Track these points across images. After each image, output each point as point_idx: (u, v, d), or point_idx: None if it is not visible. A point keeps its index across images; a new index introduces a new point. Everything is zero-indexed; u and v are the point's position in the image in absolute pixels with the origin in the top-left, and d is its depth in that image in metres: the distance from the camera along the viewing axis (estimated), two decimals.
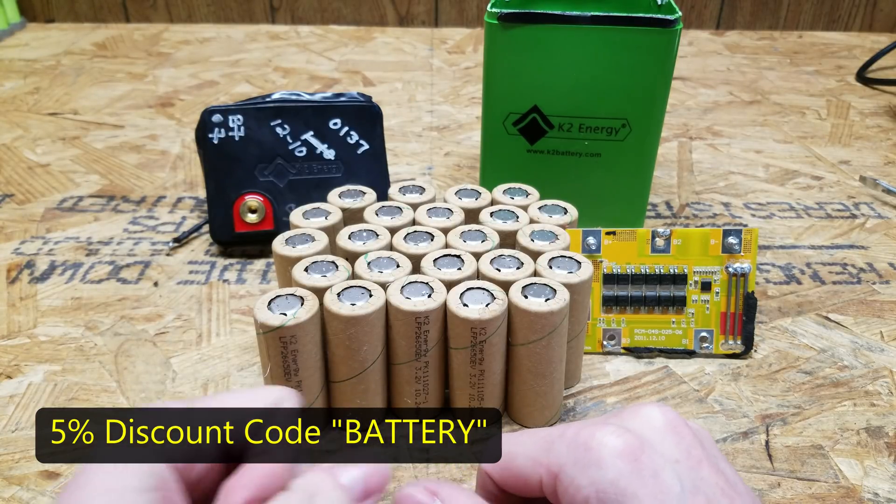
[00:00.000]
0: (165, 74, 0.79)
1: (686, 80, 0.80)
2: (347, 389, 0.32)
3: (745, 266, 0.37)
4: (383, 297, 0.30)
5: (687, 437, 0.19)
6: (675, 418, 0.20)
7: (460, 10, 0.97)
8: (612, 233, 0.37)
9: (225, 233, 0.45)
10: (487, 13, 0.42)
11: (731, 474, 0.19)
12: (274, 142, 0.45)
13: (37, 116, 0.67)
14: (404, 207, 0.38)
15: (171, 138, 0.63)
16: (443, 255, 0.34)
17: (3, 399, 0.35)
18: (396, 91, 0.75)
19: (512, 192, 0.40)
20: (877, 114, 0.71)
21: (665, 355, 0.38)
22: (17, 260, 0.46)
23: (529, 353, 0.31)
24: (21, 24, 0.94)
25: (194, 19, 0.96)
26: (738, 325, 0.38)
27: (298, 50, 0.88)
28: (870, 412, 0.35)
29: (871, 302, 0.43)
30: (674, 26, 0.40)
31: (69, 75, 0.78)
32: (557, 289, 0.31)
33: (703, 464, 0.19)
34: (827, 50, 0.91)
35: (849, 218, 0.52)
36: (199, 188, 0.55)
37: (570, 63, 0.42)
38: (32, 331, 0.39)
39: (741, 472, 0.31)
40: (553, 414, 0.34)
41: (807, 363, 0.38)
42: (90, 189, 0.54)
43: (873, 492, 0.30)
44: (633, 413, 0.20)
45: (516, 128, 0.44)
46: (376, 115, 0.46)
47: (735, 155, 0.62)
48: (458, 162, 0.60)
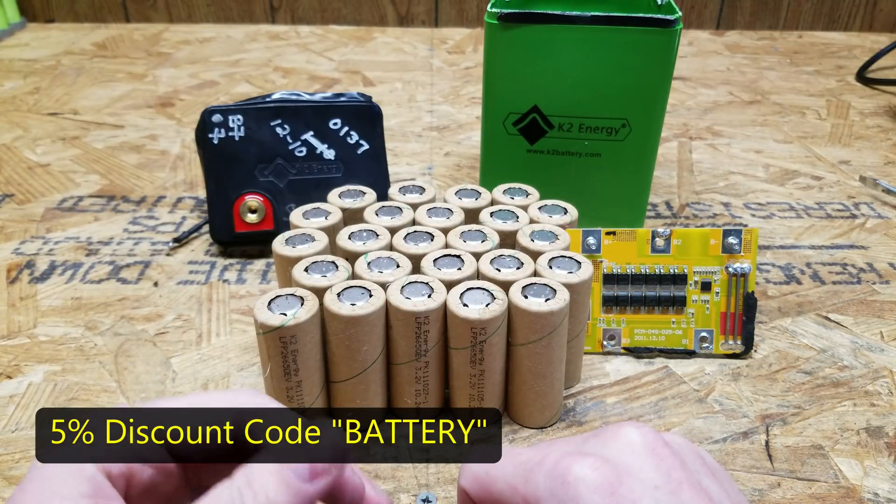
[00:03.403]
0: (165, 74, 0.79)
1: (686, 80, 0.80)
2: (347, 389, 0.32)
3: (745, 266, 0.37)
4: (383, 297, 0.30)
5: (667, 459, 0.19)
6: (654, 439, 0.20)
7: (460, 10, 0.97)
8: (612, 233, 0.37)
9: (225, 233, 0.45)
10: (487, 13, 0.42)
11: (715, 492, 0.19)
12: (274, 142, 0.45)
13: (37, 116, 0.67)
14: (404, 207, 0.38)
15: (171, 138, 0.63)
16: (443, 255, 0.34)
17: (3, 399, 0.35)
18: (396, 91, 0.75)
19: (512, 192, 0.40)
20: (877, 114, 0.71)
21: (665, 355, 0.38)
22: (17, 260, 0.46)
23: (529, 353, 0.31)
24: (21, 24, 0.94)
25: (194, 19, 0.96)
26: (738, 325, 0.38)
27: (298, 50, 0.88)
28: (870, 412, 0.35)
29: (871, 302, 0.43)
30: (674, 26, 0.40)
31: (69, 75, 0.78)
32: (557, 289, 0.31)
33: (684, 486, 0.18)
34: (827, 50, 0.91)
35: (849, 218, 0.52)
36: (199, 188, 0.55)
37: (570, 63, 0.42)
38: (32, 331, 0.39)
39: (741, 472, 0.31)
40: (553, 414, 0.34)
41: (807, 363, 0.38)
42: (90, 189, 0.54)
43: (873, 492, 0.30)
44: (612, 435, 0.20)
45: (516, 128, 0.44)
46: (376, 115, 0.46)
47: (735, 155, 0.62)
48: (458, 162, 0.60)
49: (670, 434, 0.21)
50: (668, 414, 0.35)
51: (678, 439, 0.21)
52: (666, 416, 0.34)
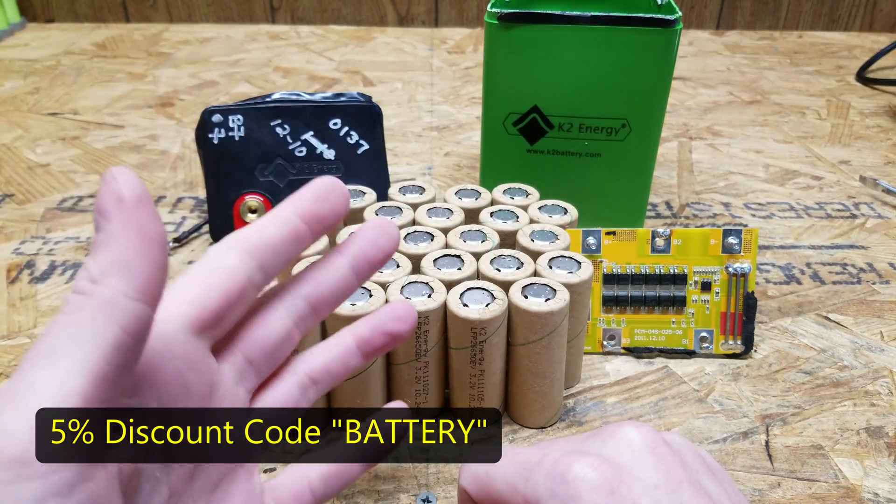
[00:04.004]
0: (165, 74, 0.79)
1: (686, 80, 0.80)
2: (347, 389, 0.32)
3: (745, 266, 0.37)
4: (384, 298, 0.30)
5: (667, 458, 0.19)
6: (654, 438, 0.20)
7: (460, 10, 0.97)
8: (612, 233, 0.37)
9: (225, 233, 0.45)
10: (487, 13, 0.42)
11: (715, 491, 0.19)
12: (274, 142, 0.45)
13: (37, 116, 0.67)
14: (404, 207, 0.38)
15: (171, 138, 0.63)
16: (443, 255, 0.34)
17: None
18: (396, 91, 0.75)
19: (512, 192, 0.40)
20: (877, 114, 0.71)
21: (665, 355, 0.38)
22: (17, 260, 0.46)
23: (529, 353, 0.31)
24: (21, 24, 0.94)
25: (194, 19, 0.97)
26: (738, 325, 0.38)
27: (298, 50, 0.88)
28: (870, 412, 0.35)
29: (871, 302, 0.43)
30: (674, 26, 0.40)
31: (69, 75, 0.78)
32: (557, 289, 0.31)
33: (684, 485, 0.18)
34: (827, 50, 0.91)
35: (849, 218, 0.52)
36: (199, 188, 0.55)
37: (570, 63, 0.42)
38: (32, 331, 0.39)
39: (741, 473, 0.31)
40: (553, 414, 0.34)
41: (807, 363, 0.38)
42: (90, 189, 0.54)
43: (873, 492, 0.30)
44: (612, 434, 0.20)
45: (516, 128, 0.44)
46: (376, 115, 0.46)
47: (735, 155, 0.62)
48: (458, 162, 0.60)
49: (670, 434, 0.21)
50: (668, 414, 0.35)
51: (678, 439, 0.21)
52: (666, 416, 0.34)
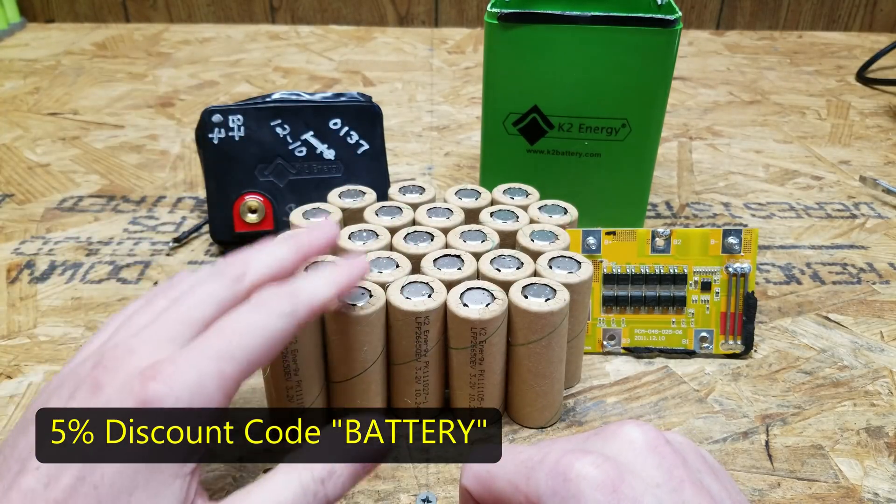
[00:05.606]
0: (165, 74, 0.79)
1: (686, 80, 0.80)
2: (347, 389, 0.32)
3: (745, 266, 0.37)
4: (383, 297, 0.30)
5: (668, 457, 0.19)
6: (656, 437, 0.20)
7: (460, 10, 0.97)
8: (612, 233, 0.37)
9: (225, 233, 0.45)
10: (487, 13, 0.42)
11: (717, 491, 0.19)
12: (274, 142, 0.45)
13: (37, 116, 0.67)
14: (404, 207, 0.38)
15: (171, 138, 0.63)
16: (443, 255, 0.34)
17: (3, 399, 0.35)
18: (396, 91, 0.75)
19: (512, 192, 0.40)
20: (877, 114, 0.71)
21: (665, 355, 0.38)
22: (17, 260, 0.46)
23: (529, 353, 0.31)
24: (21, 24, 0.94)
25: (194, 19, 0.96)
26: (738, 325, 0.38)
27: (298, 50, 0.88)
28: (870, 412, 0.35)
29: (871, 302, 0.43)
30: (674, 26, 0.40)
31: (69, 75, 0.78)
32: (557, 289, 0.31)
33: (686, 484, 0.18)
34: (827, 50, 0.91)
35: (849, 218, 0.52)
36: (199, 188, 0.55)
37: (570, 63, 0.42)
38: (32, 331, 0.39)
39: (741, 473, 0.31)
40: (553, 414, 0.34)
41: (807, 363, 0.38)
42: (90, 189, 0.54)
43: (873, 492, 0.30)
44: (614, 433, 0.20)
45: (516, 128, 0.44)
46: (376, 115, 0.46)
47: (735, 155, 0.62)
48: (458, 162, 0.60)
49: (672, 433, 0.21)
50: (668, 414, 0.35)
51: (679, 438, 0.21)
52: (666, 416, 0.34)
